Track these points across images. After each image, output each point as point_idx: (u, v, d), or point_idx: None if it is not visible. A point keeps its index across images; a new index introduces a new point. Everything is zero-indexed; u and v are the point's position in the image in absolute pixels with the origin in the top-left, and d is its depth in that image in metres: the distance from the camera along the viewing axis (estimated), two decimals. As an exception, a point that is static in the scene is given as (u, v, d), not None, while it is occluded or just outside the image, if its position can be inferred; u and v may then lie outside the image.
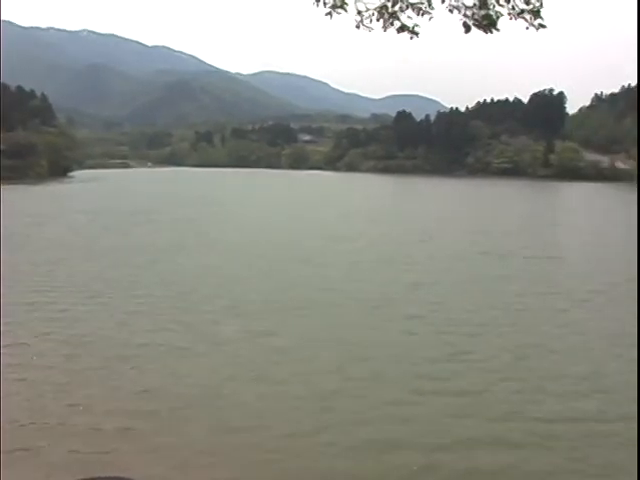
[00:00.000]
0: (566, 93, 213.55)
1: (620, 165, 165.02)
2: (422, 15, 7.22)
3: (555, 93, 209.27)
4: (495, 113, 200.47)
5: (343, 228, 50.21)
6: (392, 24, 7.37)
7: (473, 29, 7.18)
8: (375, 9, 7.32)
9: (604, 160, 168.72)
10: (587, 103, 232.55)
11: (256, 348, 18.32)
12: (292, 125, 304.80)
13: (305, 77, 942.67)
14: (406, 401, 14.57)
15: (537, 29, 7.02)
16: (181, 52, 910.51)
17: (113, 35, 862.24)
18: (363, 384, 15.50)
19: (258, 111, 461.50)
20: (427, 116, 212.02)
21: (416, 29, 7.37)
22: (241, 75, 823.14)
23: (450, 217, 61.61)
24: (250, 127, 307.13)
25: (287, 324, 20.84)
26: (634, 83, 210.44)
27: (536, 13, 6.94)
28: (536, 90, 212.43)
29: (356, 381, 15.70)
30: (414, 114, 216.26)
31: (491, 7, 7.00)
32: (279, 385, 15.50)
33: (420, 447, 12.39)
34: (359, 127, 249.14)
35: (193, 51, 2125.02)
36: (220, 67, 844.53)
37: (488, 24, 7.06)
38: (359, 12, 7.34)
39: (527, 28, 7.05)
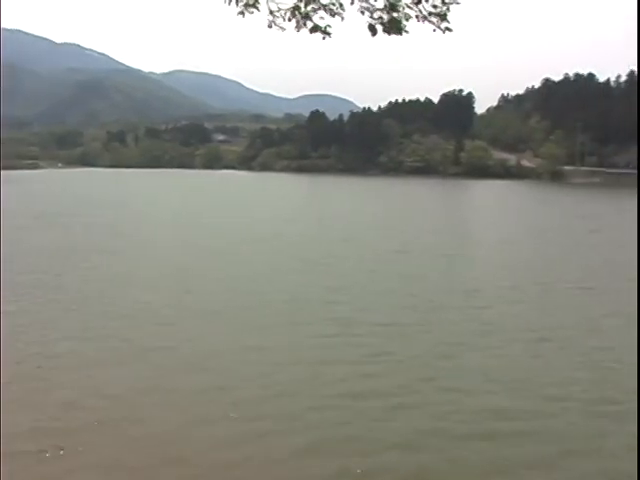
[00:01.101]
0: (475, 94, 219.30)
1: (526, 163, 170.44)
2: (334, 16, 7.31)
3: (464, 94, 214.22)
4: (407, 113, 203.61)
5: (258, 229, 49.89)
6: (305, 24, 7.43)
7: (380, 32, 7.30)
8: (288, 9, 7.37)
9: (511, 158, 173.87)
10: (494, 103, 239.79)
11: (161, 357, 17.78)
12: (206, 125, 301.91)
13: (219, 77, 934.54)
14: (330, 405, 14.52)
15: (444, 32, 7.20)
16: (92, 50, 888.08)
17: (19, 31, 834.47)
18: (285, 391, 15.33)
19: (171, 110, 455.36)
20: (340, 116, 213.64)
21: (328, 29, 7.43)
22: (154, 74, 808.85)
23: (365, 216, 62.21)
24: (164, 127, 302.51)
25: (200, 331, 20.26)
26: (537, 85, 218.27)
27: (443, 16, 7.12)
28: (446, 90, 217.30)
29: (278, 388, 15.52)
30: (327, 114, 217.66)
31: (400, 10, 7.13)
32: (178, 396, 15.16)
33: (355, 451, 12.41)
34: (273, 127, 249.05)
35: (104, 49, 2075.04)
36: (132, 66, 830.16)
37: (395, 28, 7.19)
38: (271, 12, 7.39)
39: (434, 30, 7.19)
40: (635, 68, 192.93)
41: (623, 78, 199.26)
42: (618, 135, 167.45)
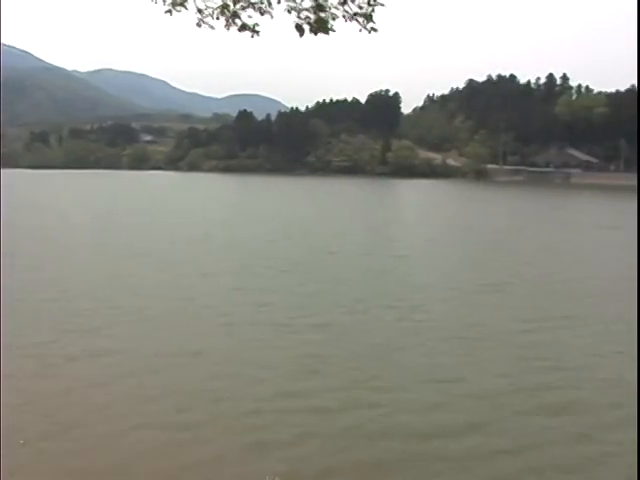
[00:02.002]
0: (401, 94, 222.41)
1: (451, 162, 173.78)
2: (263, 14, 7.33)
3: (391, 94, 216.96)
4: (334, 113, 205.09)
5: (187, 230, 48.94)
6: (233, 23, 7.41)
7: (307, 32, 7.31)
8: (216, 8, 7.33)
9: (437, 158, 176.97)
10: (420, 104, 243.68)
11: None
12: (133, 125, 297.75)
13: (145, 75, 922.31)
14: (269, 408, 14.48)
15: (369, 32, 7.25)
16: (13, 47, 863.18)
17: None
18: (223, 396, 15.07)
19: (97, 110, 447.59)
20: (268, 115, 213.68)
21: (257, 28, 7.46)
22: (78, 73, 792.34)
23: (295, 217, 62.17)
24: (89, 127, 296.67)
25: (131, 338, 19.61)
26: (462, 86, 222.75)
27: (368, 17, 7.17)
28: (373, 91, 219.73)
29: (218, 392, 15.27)
30: (255, 114, 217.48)
31: (327, 10, 7.16)
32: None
33: (293, 453, 12.42)
34: (201, 127, 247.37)
35: (26, 47, 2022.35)
36: (56, 64, 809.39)
37: (322, 28, 7.23)
38: (200, 10, 7.35)
39: (360, 31, 7.22)
40: (552, 72, 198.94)
41: (542, 80, 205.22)
42: (538, 135, 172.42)
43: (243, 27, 7.45)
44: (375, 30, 7.24)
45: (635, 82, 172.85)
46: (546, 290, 27.81)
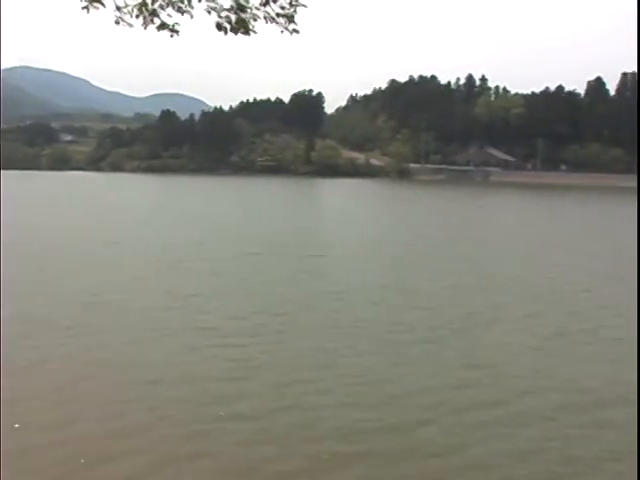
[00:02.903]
0: (324, 94, 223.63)
1: (375, 162, 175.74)
2: (183, 14, 7.20)
3: (314, 94, 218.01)
4: (258, 112, 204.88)
5: (109, 232, 47.34)
6: (152, 21, 7.23)
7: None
8: (134, 5, 7.15)
9: (360, 157, 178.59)
10: (343, 104, 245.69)
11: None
12: (52, 124, 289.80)
13: (64, 74, 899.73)
14: (204, 414, 14.39)
15: (291, 33, 7.19)
16: None
17: None
18: (161, 405, 14.82)
19: (14, 109, 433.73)
20: (191, 115, 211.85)
21: (176, 27, 7.30)
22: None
23: (219, 217, 61.52)
24: (6, 126, 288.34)
25: (53, 347, 18.80)
26: (384, 86, 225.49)
27: (290, 18, 7.12)
28: (296, 91, 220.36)
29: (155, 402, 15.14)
30: (178, 113, 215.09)
31: (248, 11, 7.09)
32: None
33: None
34: (123, 126, 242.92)
35: None
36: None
37: (242, 28, 7.16)
38: (118, 8, 7.14)
39: (282, 32, 7.18)
40: (472, 73, 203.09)
41: (462, 81, 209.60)
42: (459, 135, 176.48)
43: (162, 26, 7.29)
44: (297, 32, 7.19)
45: (548, 84, 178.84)
46: (473, 288, 28.32)
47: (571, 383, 16.33)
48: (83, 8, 7.09)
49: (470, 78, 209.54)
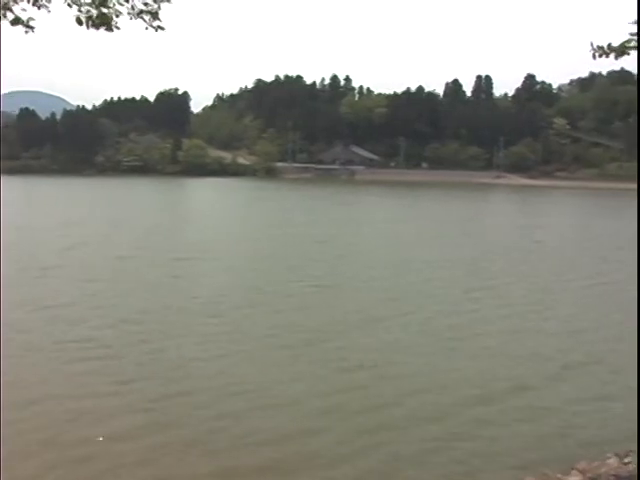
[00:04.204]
0: (190, 93, 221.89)
1: (242, 161, 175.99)
2: (39, 8, 6.83)
3: (180, 92, 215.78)
4: (123, 112, 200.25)
5: None
6: (5, 16, 6.79)
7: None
8: None
9: (227, 156, 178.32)
10: (210, 103, 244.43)
11: None
12: None
13: None
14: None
15: (156, 30, 6.98)
16: None
17: None
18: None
19: None
20: (53, 114, 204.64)
21: (31, 23, 6.88)
22: None
23: (87, 219, 59.16)
24: None
25: None
26: (250, 85, 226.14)
27: (154, 15, 6.91)
28: (162, 89, 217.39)
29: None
30: (38, 112, 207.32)
31: (111, 6, 6.80)
32: None
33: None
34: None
35: None
36: None
37: (104, 23, 6.87)
38: None
39: (147, 29, 6.95)
40: (336, 73, 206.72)
41: (327, 81, 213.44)
42: (325, 134, 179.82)
43: (16, 21, 6.83)
44: (162, 28, 6.99)
45: (410, 85, 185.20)
46: (346, 289, 29.18)
47: (457, 380, 16.95)
48: None
49: (335, 78, 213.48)
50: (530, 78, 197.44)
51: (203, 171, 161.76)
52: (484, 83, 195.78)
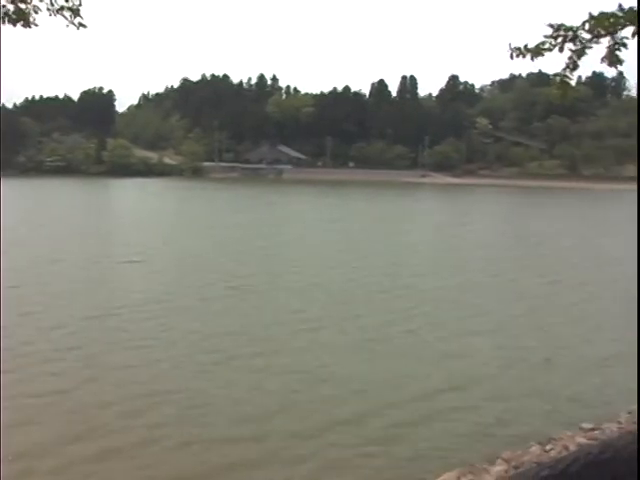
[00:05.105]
0: (115, 92, 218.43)
1: (168, 161, 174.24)
2: None
3: (105, 91, 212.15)
4: (45, 111, 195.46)
5: None
6: None
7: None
8: None
9: (153, 156, 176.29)
10: (135, 102, 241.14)
11: None
12: None
13: None
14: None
15: (78, 28, 6.65)
16: None
17: None
18: None
19: None
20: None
21: None
22: None
23: (6, 221, 54.97)
24: None
25: None
26: (177, 84, 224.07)
27: (75, 11, 6.60)
28: (86, 88, 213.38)
29: None
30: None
31: (29, 2, 6.51)
32: None
33: None
34: None
35: None
36: None
37: (22, 20, 6.61)
38: None
39: (67, 26, 6.63)
40: (263, 73, 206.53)
41: (254, 80, 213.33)
42: (252, 133, 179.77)
43: None
44: (84, 26, 6.67)
45: (337, 85, 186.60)
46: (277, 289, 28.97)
47: (374, 382, 16.84)
48: None
49: (262, 78, 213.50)
50: (453, 79, 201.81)
51: (128, 171, 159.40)
52: (409, 83, 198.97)
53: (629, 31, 5.16)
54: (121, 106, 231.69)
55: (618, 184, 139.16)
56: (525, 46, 5.54)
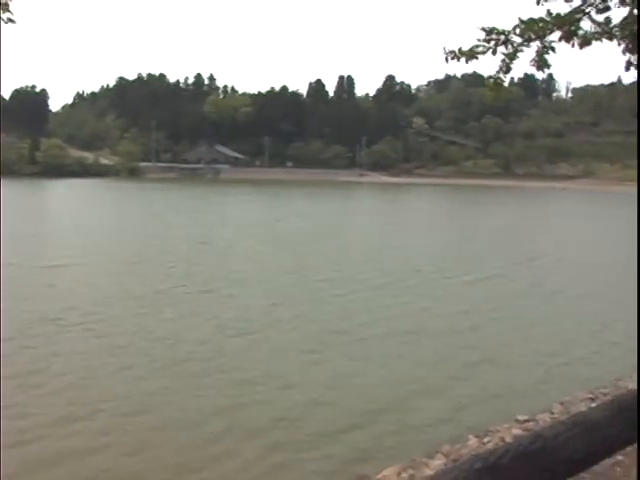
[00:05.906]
0: (48, 90, 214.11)
1: (104, 161, 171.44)
2: None
3: (38, 90, 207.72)
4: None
5: None
6: None
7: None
8: None
9: (89, 156, 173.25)
10: (70, 101, 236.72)
11: None
12: None
13: None
14: None
15: (6, 23, 6.35)
16: None
17: None
18: None
19: None
20: None
21: None
22: None
23: None
24: None
25: None
26: (112, 83, 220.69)
27: (4, 6, 6.31)
28: (18, 87, 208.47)
29: None
30: None
31: None
32: None
33: None
34: None
35: None
36: None
37: None
38: None
39: None
40: (200, 72, 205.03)
41: (191, 80, 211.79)
42: (189, 133, 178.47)
43: None
44: (13, 21, 6.34)
45: (274, 84, 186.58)
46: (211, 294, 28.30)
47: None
48: None
49: (199, 77, 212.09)
50: (390, 79, 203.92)
51: (63, 172, 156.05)
52: (346, 83, 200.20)
53: (556, 35, 5.35)
54: (55, 105, 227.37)
55: (548, 182, 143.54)
56: (459, 49, 5.66)
